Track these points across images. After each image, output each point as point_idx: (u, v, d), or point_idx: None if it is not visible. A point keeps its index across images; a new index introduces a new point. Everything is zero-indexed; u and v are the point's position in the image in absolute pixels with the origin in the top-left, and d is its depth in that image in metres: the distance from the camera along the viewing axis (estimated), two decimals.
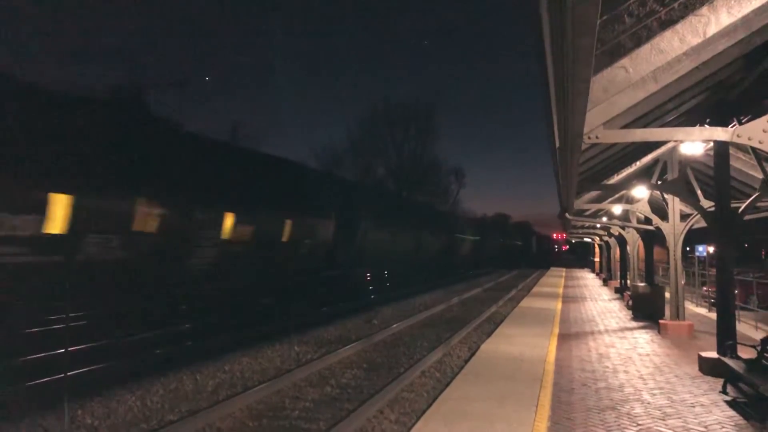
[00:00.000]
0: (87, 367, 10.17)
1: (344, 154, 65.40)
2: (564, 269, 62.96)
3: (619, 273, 30.56)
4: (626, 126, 8.53)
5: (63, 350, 9.25)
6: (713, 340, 10.58)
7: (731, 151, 11.37)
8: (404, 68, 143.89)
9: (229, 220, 13.01)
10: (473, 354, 12.28)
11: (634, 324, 17.42)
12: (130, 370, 10.46)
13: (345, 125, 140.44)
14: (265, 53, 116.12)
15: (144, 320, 12.35)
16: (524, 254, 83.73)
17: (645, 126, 9.84)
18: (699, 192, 14.04)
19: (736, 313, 11.26)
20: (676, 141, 10.04)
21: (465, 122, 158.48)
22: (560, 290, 31.24)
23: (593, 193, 19.13)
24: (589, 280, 43.57)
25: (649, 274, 20.34)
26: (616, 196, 19.52)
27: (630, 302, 20.37)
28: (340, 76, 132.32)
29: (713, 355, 10.15)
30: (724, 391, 8.90)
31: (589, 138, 6.61)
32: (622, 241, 27.46)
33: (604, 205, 20.60)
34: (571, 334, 15.04)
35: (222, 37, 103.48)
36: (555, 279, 42.96)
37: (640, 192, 15.45)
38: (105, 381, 9.77)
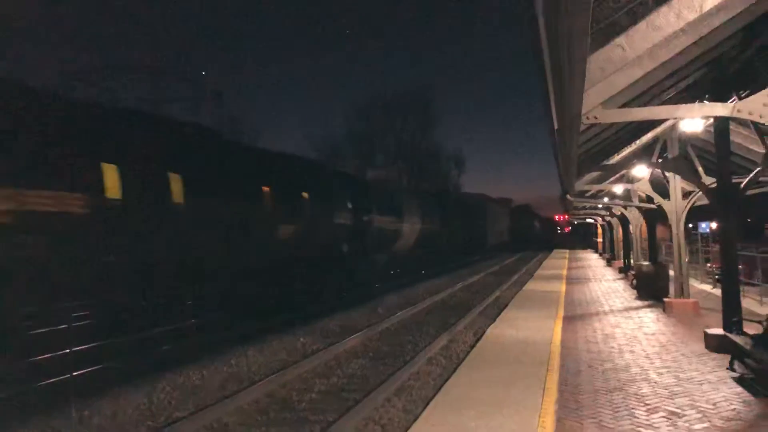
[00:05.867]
0: (93, 366, 10.15)
1: (343, 145, 65.39)
2: (567, 251, 62.97)
3: (622, 253, 30.54)
4: (625, 105, 8.44)
5: (68, 350, 9.25)
6: (719, 317, 10.55)
7: (731, 126, 11.28)
8: (401, 55, 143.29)
9: None
10: (479, 339, 12.27)
11: (638, 303, 17.41)
12: (137, 368, 10.45)
13: (344, 116, 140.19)
14: (261, 44, 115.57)
15: (149, 316, 12.32)
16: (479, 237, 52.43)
17: (644, 104, 9.76)
18: (700, 169, 13.96)
19: (741, 288, 11.23)
20: (676, 118, 9.97)
21: (465, 106, 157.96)
22: (564, 272, 31.24)
23: (594, 174, 19.06)
24: (592, 260, 43.58)
25: (652, 252, 20.31)
26: (617, 175, 19.45)
27: (634, 281, 20.36)
28: (336, 65, 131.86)
29: (719, 331, 10.12)
30: (731, 368, 8.88)
31: (587, 118, 6.54)
32: (624, 221, 27.44)
33: (605, 185, 20.55)
34: (576, 316, 15.03)
35: (217, 29, 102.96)
36: (558, 261, 42.96)
37: (641, 171, 15.38)
38: (112, 379, 9.76)
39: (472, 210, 50.45)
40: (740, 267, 12.75)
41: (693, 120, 10.58)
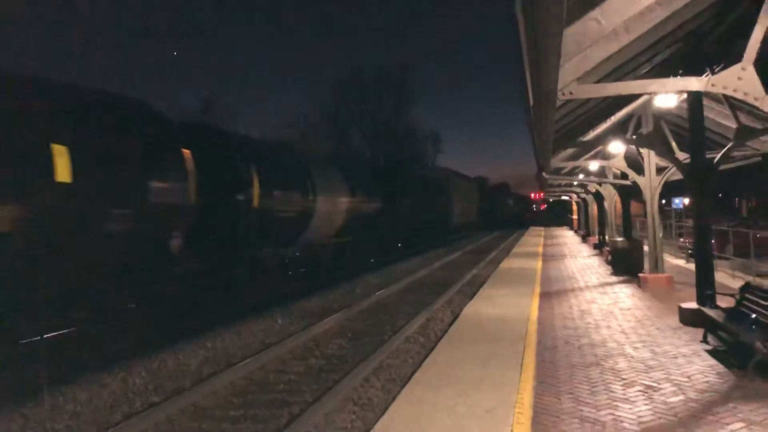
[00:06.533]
0: (66, 352, 9.96)
1: (319, 125, 64.83)
2: (543, 228, 63.48)
3: (597, 229, 30.82)
4: (600, 80, 8.42)
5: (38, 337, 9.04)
6: (692, 291, 10.69)
7: (705, 102, 11.34)
8: (376, 34, 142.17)
9: None
10: (456, 317, 12.30)
11: (614, 279, 17.59)
12: (111, 353, 10.28)
13: (319, 96, 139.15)
14: (234, 24, 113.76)
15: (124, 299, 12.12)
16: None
17: (619, 80, 9.75)
18: (674, 144, 14.07)
19: (714, 262, 11.37)
20: (650, 93, 9.98)
21: (441, 85, 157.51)
22: (540, 249, 31.47)
23: (569, 151, 19.16)
24: (568, 237, 43.98)
25: (627, 228, 20.50)
26: (592, 152, 19.56)
27: (609, 257, 20.57)
28: (311, 46, 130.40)
29: (693, 305, 10.25)
30: (704, 341, 9.01)
31: (563, 94, 6.49)
32: (599, 198, 27.67)
33: (580, 162, 20.63)
34: (552, 292, 15.13)
35: (186, 10, 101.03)
36: (534, 238, 43.28)
37: (616, 147, 15.44)
38: (86, 365, 9.60)
39: (430, 185, 40.76)
40: (713, 241, 12.89)
41: (667, 96, 10.61)
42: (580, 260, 24.53)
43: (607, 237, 26.20)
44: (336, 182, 21.59)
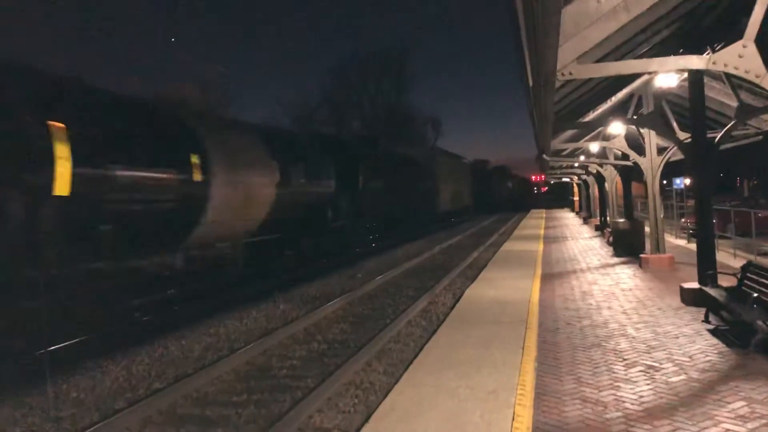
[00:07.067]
0: (68, 340, 9.98)
1: (318, 109, 64.66)
2: (544, 210, 63.42)
3: (598, 210, 30.79)
4: (599, 60, 8.35)
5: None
6: (694, 271, 10.67)
7: (706, 80, 11.27)
8: (376, 17, 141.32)
9: None
10: (458, 300, 12.31)
11: (615, 260, 17.59)
12: (114, 340, 10.30)
13: (317, 80, 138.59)
14: (231, 7, 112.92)
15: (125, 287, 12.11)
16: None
17: (618, 59, 9.67)
18: (675, 124, 14.00)
19: (715, 242, 11.35)
20: (651, 72, 9.90)
21: (441, 68, 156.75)
22: (541, 231, 31.45)
23: (569, 132, 19.10)
24: (569, 219, 43.95)
25: (628, 209, 20.47)
26: (593, 133, 19.48)
27: (610, 239, 20.56)
28: (310, 28, 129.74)
29: (694, 285, 10.25)
30: (706, 320, 9.02)
31: (562, 75, 6.45)
32: (600, 179, 27.61)
33: (580, 143, 20.58)
34: (553, 274, 15.13)
35: None
36: (535, 221, 43.25)
37: (616, 128, 15.39)
38: (89, 353, 9.62)
39: (411, 165, 34.46)
40: (714, 221, 12.87)
41: (668, 75, 10.55)
42: (581, 242, 24.52)
43: (608, 218, 26.18)
44: (254, 158, 15.46)
